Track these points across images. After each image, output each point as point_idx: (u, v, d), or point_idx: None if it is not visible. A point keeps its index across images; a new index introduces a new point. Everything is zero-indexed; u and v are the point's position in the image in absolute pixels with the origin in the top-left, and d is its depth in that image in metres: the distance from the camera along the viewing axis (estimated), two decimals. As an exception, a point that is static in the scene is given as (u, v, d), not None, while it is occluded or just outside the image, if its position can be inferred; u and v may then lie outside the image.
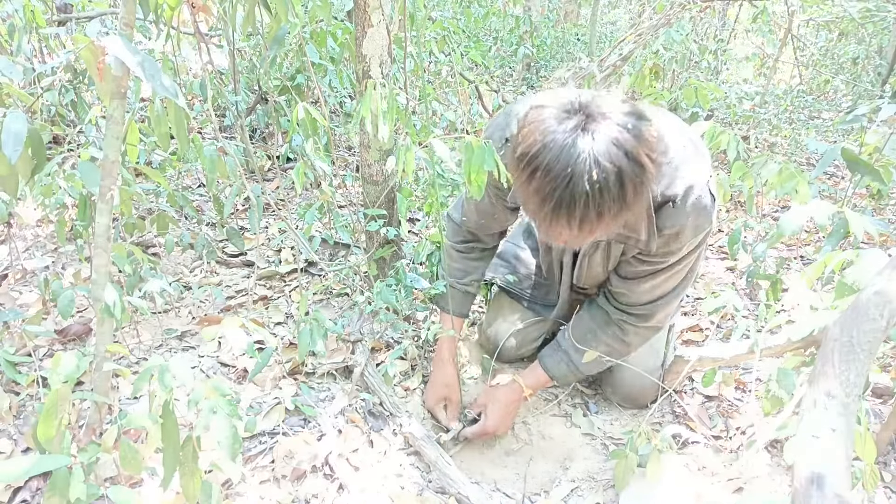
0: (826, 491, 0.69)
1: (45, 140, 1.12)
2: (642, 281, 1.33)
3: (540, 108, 0.99)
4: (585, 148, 0.92)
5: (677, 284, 1.36)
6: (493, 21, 4.82)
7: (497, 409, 1.52)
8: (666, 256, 1.26)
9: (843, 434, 0.74)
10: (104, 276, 1.11)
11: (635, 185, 0.95)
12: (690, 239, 1.22)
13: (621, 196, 0.95)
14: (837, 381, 0.79)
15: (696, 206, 1.18)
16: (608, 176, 0.92)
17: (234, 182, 1.80)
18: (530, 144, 0.97)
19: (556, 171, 0.93)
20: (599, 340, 1.44)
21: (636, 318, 1.40)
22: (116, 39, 0.94)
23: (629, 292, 1.37)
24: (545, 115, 0.97)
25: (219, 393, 0.95)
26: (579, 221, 0.96)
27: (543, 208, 0.98)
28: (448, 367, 1.60)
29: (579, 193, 0.93)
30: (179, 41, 2.86)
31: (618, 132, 0.93)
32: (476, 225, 1.52)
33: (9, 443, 1.34)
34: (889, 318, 0.85)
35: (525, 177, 0.98)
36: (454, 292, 1.60)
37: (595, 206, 0.94)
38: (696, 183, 1.17)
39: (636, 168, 0.94)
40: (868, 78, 4.99)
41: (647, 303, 1.37)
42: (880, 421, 1.51)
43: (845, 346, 0.83)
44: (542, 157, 0.95)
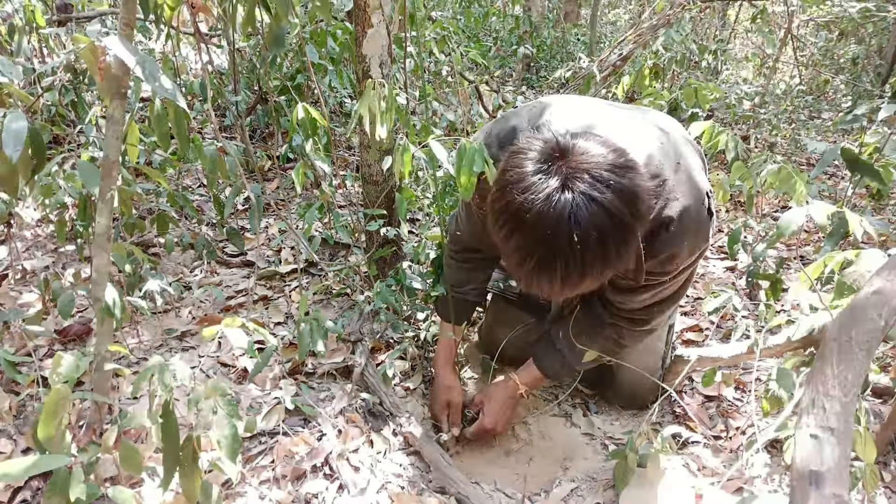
0: (824, 490, 0.69)
1: (45, 140, 1.12)
2: (637, 294, 1.30)
3: (519, 157, 0.95)
4: (565, 210, 0.88)
5: (674, 293, 1.34)
6: (493, 21, 4.82)
7: (493, 406, 1.52)
8: (660, 276, 1.23)
9: (841, 434, 0.74)
10: (104, 276, 1.11)
11: (618, 245, 0.92)
12: (687, 259, 1.20)
13: (604, 257, 0.92)
14: (836, 381, 0.79)
15: (691, 228, 1.15)
16: (589, 238, 0.89)
17: (234, 182, 1.80)
18: (509, 202, 0.93)
19: (537, 233, 0.90)
20: (594, 341, 1.43)
21: (632, 323, 1.39)
22: (117, 39, 0.94)
23: (625, 301, 1.35)
24: (525, 168, 0.93)
25: (219, 393, 0.95)
26: (561, 282, 0.94)
27: (524, 267, 0.95)
28: (447, 371, 1.60)
29: (560, 255, 0.90)
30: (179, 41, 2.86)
31: (599, 191, 0.89)
32: (470, 237, 1.50)
33: (9, 443, 1.34)
34: (888, 318, 0.86)
35: (504, 234, 0.95)
36: (451, 300, 1.60)
37: (577, 267, 0.91)
38: (691, 203, 1.14)
39: (618, 229, 0.91)
40: (868, 78, 5.00)
41: (643, 309, 1.35)
42: (880, 421, 1.51)
43: (844, 345, 0.84)
44: (520, 217, 0.91)
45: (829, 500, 0.68)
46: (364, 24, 1.52)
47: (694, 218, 1.15)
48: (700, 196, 1.16)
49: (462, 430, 1.55)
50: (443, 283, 1.61)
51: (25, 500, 1.22)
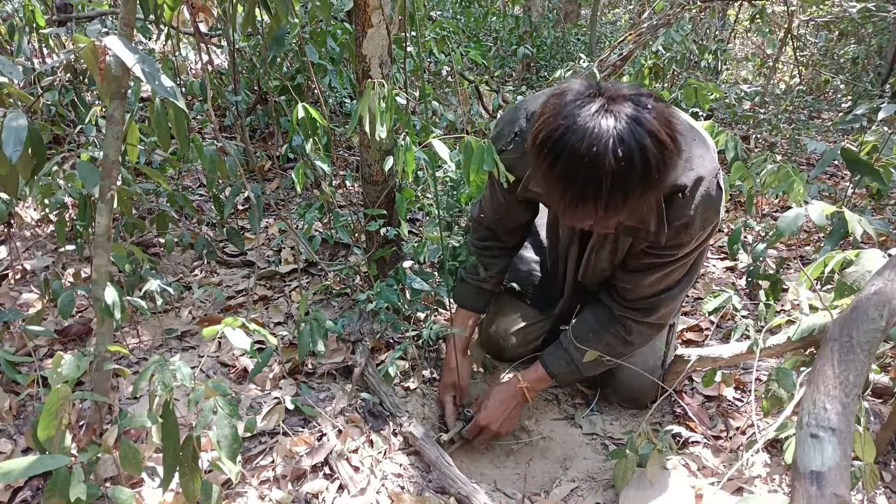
0: (825, 490, 0.69)
1: (45, 140, 1.12)
2: (648, 274, 1.32)
3: (559, 95, 0.99)
4: (608, 129, 0.92)
5: (681, 278, 1.36)
6: (493, 21, 4.82)
7: (491, 403, 1.51)
8: (674, 249, 1.25)
9: (842, 434, 0.74)
10: (104, 276, 1.11)
11: (658, 163, 0.95)
12: (699, 231, 1.22)
13: (646, 175, 0.95)
14: (837, 381, 0.79)
15: (704, 198, 1.18)
16: (633, 155, 0.92)
17: (234, 182, 1.80)
18: (552, 129, 0.96)
19: (581, 153, 0.93)
20: (601, 339, 1.44)
21: (640, 314, 1.39)
22: (117, 39, 0.94)
23: (634, 286, 1.36)
24: (565, 100, 0.97)
25: (219, 393, 0.95)
26: (605, 203, 0.96)
27: (569, 192, 0.97)
28: (460, 356, 1.61)
29: (605, 174, 0.92)
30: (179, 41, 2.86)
31: (639, 112, 0.93)
32: (492, 221, 1.53)
33: (9, 443, 1.34)
34: (888, 318, 0.86)
35: (548, 163, 0.98)
36: (468, 286, 1.61)
37: (621, 186, 0.94)
38: (706, 174, 1.18)
39: (659, 147, 0.94)
40: (868, 78, 5.00)
41: (652, 296, 1.36)
42: (880, 421, 1.51)
43: (845, 345, 0.84)
44: (566, 140, 0.94)
45: (830, 500, 0.68)
46: (364, 24, 1.51)
47: (707, 188, 1.18)
48: (713, 169, 1.19)
49: (460, 429, 1.55)
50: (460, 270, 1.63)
51: (25, 500, 1.22)
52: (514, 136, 1.30)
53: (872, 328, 0.85)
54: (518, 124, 1.29)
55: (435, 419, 1.62)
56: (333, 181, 2.17)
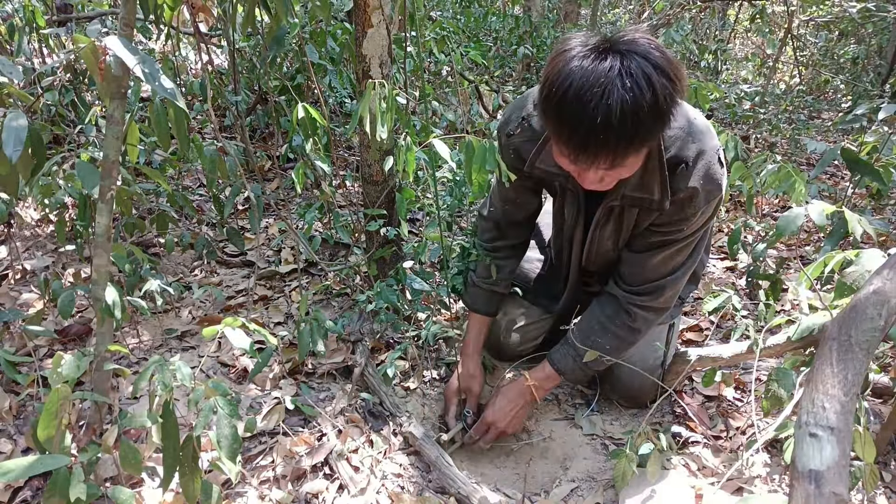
0: (824, 490, 0.69)
1: (45, 140, 1.12)
2: (654, 253, 1.34)
3: (564, 51, 1.00)
4: (615, 66, 0.93)
5: (686, 259, 1.37)
6: (493, 21, 4.81)
7: (499, 402, 1.51)
8: (680, 224, 1.27)
9: (841, 433, 0.74)
10: (104, 276, 1.11)
11: (666, 96, 0.95)
12: (703, 206, 1.24)
13: (655, 107, 0.95)
14: (836, 381, 0.79)
15: (707, 171, 1.20)
16: (639, 82, 0.93)
17: (234, 182, 1.80)
18: (557, 74, 0.97)
19: (588, 88, 0.93)
20: (607, 331, 1.44)
21: (646, 297, 1.40)
22: (117, 39, 0.94)
23: (641, 268, 1.37)
24: (570, 48, 0.99)
25: (219, 393, 0.95)
26: (616, 134, 0.95)
27: (579, 130, 0.97)
28: (474, 360, 1.62)
29: (614, 104, 0.92)
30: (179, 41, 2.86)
31: (645, 50, 0.95)
32: (501, 213, 1.54)
33: (9, 443, 1.34)
34: (887, 318, 0.86)
35: (556, 109, 0.98)
36: (480, 290, 1.61)
37: (630, 113, 0.93)
38: (707, 149, 1.20)
39: (666, 79, 0.95)
40: (868, 78, 4.99)
41: (658, 279, 1.37)
42: (880, 421, 1.51)
43: (843, 345, 0.84)
44: (572, 80, 0.95)
45: (829, 499, 0.68)
46: (364, 24, 1.52)
47: (709, 161, 1.20)
48: (714, 145, 1.22)
49: (460, 431, 1.55)
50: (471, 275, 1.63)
51: (25, 500, 1.22)
52: (521, 120, 1.33)
53: (871, 327, 0.85)
54: (525, 109, 1.32)
55: (435, 419, 1.62)
56: (333, 181, 2.17)
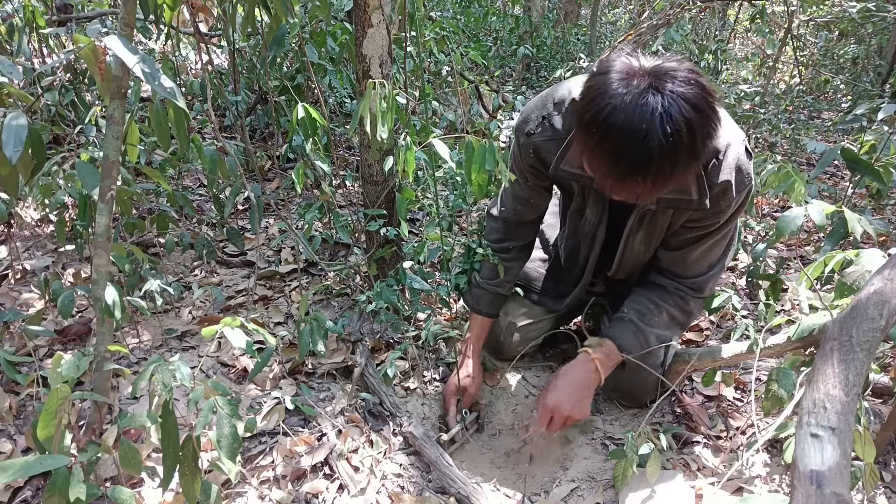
0: (825, 490, 0.69)
1: (45, 140, 1.12)
2: (692, 250, 1.36)
3: (604, 74, 1.03)
4: (656, 105, 0.97)
5: (723, 251, 1.40)
6: (493, 21, 4.81)
7: (560, 384, 1.41)
8: (716, 216, 1.29)
9: (842, 433, 0.74)
10: (104, 276, 1.11)
11: (703, 136, 1.00)
12: (736, 196, 1.26)
13: (693, 147, 0.99)
14: (837, 381, 0.79)
15: (737, 162, 1.23)
16: (680, 129, 0.97)
17: (235, 182, 1.80)
18: (601, 108, 1.00)
19: (631, 130, 0.97)
20: (662, 309, 1.44)
21: (691, 291, 1.43)
22: (117, 39, 0.94)
23: (681, 264, 1.41)
24: (611, 79, 1.01)
25: (219, 393, 0.95)
26: (654, 175, 1.01)
27: (619, 166, 1.01)
28: (473, 360, 1.62)
29: (654, 148, 0.97)
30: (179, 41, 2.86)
31: (684, 88, 0.98)
32: (513, 212, 1.54)
33: (9, 443, 1.34)
34: (888, 318, 0.86)
35: (597, 139, 1.02)
36: (484, 292, 1.61)
37: (669, 159, 0.99)
38: (734, 140, 1.23)
39: (704, 120, 0.99)
40: (868, 78, 4.99)
41: (699, 275, 1.41)
42: (880, 421, 1.51)
43: (844, 345, 0.84)
44: (615, 117, 0.98)
45: (830, 499, 0.68)
46: (364, 24, 1.51)
47: (738, 151, 1.23)
48: (741, 136, 1.25)
49: (463, 434, 1.55)
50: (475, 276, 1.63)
51: (25, 500, 1.22)
52: (542, 119, 1.35)
53: (872, 327, 0.85)
54: (546, 108, 1.34)
55: (435, 419, 1.62)
56: (333, 181, 2.17)
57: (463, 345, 1.65)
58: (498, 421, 1.66)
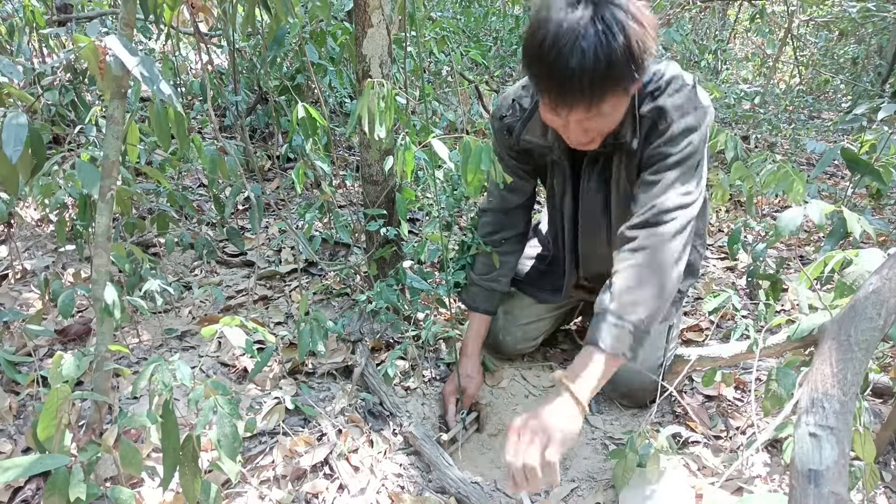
0: (823, 489, 0.69)
1: (45, 140, 1.12)
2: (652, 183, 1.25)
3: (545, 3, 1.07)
4: (587, 13, 1.01)
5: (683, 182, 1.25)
6: (493, 21, 4.81)
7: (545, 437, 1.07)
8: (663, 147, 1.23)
9: (840, 433, 0.74)
10: (104, 276, 1.11)
11: (637, 39, 1.03)
12: (678, 120, 1.21)
13: (627, 47, 1.02)
14: (835, 380, 0.79)
15: (674, 91, 1.23)
16: (612, 27, 1.00)
17: (235, 182, 1.80)
18: (536, 25, 1.05)
19: (563, 35, 1.01)
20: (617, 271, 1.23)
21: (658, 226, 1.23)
22: (117, 39, 0.94)
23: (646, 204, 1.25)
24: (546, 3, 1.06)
25: (219, 392, 0.95)
26: (590, 79, 1.02)
27: (556, 76, 1.04)
28: (472, 360, 1.62)
29: (587, 47, 1.00)
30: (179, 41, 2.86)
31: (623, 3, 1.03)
32: (499, 199, 1.57)
33: (9, 443, 1.34)
34: (886, 317, 0.86)
35: (535, 58, 1.06)
36: (479, 289, 1.62)
37: (604, 56, 1.01)
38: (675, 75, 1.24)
39: (637, 24, 1.02)
40: (868, 78, 4.99)
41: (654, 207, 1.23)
42: (880, 420, 1.51)
43: (843, 345, 0.84)
44: (548, 29, 1.03)
45: (829, 498, 0.68)
46: (364, 23, 1.52)
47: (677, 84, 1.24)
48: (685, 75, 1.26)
49: (464, 434, 1.55)
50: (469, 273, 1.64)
51: (25, 500, 1.22)
52: (512, 102, 1.42)
53: (870, 327, 0.85)
54: (517, 93, 1.42)
55: (435, 419, 1.62)
56: (333, 181, 2.17)
57: (462, 344, 1.66)
58: (498, 421, 1.66)
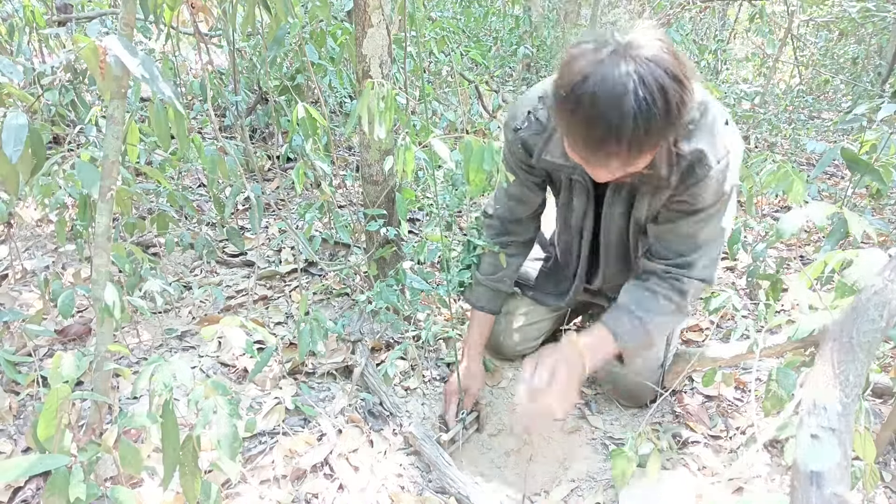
0: (824, 490, 0.69)
1: (45, 140, 1.12)
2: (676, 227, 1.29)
3: (577, 46, 1.03)
4: (629, 70, 0.97)
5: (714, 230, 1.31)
6: (493, 21, 4.81)
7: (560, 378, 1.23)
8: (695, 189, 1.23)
9: (842, 434, 0.74)
10: (104, 276, 1.11)
11: (678, 102, 0.99)
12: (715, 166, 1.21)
13: (667, 113, 0.99)
14: (836, 381, 0.79)
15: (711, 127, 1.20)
16: (653, 93, 0.96)
17: (235, 182, 1.80)
18: (574, 74, 1.00)
19: (604, 95, 0.97)
20: (658, 295, 1.35)
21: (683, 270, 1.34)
22: (117, 39, 0.94)
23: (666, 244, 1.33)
24: (583, 49, 1.02)
25: (219, 392, 0.95)
26: (628, 143, 1.00)
27: (593, 134, 1.01)
28: (475, 360, 1.62)
29: (627, 112, 0.96)
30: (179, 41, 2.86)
31: (656, 53, 0.98)
32: (507, 209, 1.54)
33: (9, 443, 1.34)
34: (888, 318, 0.85)
35: (571, 110, 1.02)
36: (484, 288, 1.61)
37: (643, 124, 0.98)
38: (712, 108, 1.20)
39: (678, 85, 0.98)
40: (868, 78, 4.99)
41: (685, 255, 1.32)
42: (880, 421, 1.51)
43: (844, 346, 0.84)
44: (587, 84, 0.99)
45: (830, 499, 0.68)
46: (364, 23, 1.51)
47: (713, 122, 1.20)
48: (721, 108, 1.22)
49: (464, 434, 1.55)
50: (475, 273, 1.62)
51: (25, 500, 1.22)
52: (527, 114, 1.35)
53: (872, 328, 0.85)
54: (532, 103, 1.34)
55: (435, 419, 1.62)
56: (333, 181, 2.17)
57: (464, 344, 1.65)
58: (498, 421, 1.66)
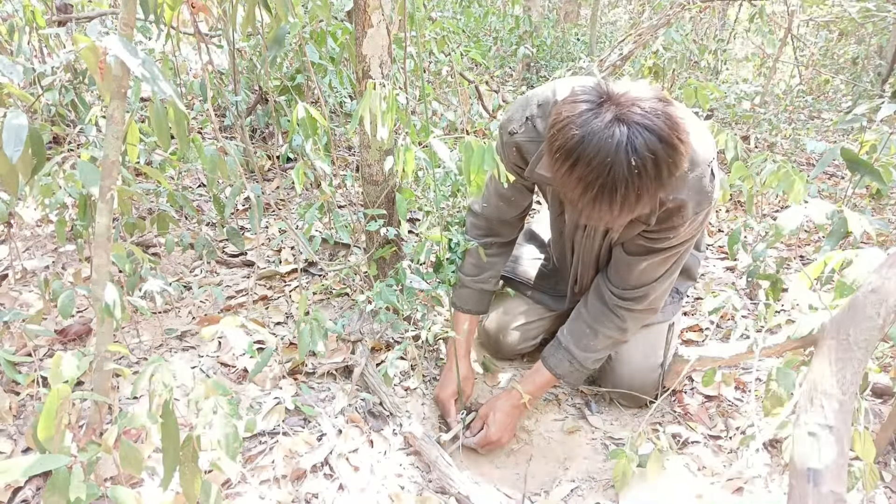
0: (822, 488, 0.69)
1: (45, 140, 1.12)
2: (641, 259, 1.36)
3: (572, 102, 1.05)
4: (622, 137, 0.99)
5: (670, 267, 1.39)
6: (493, 21, 4.81)
7: (498, 418, 1.52)
8: (668, 233, 1.29)
9: (839, 432, 0.74)
10: (104, 276, 1.11)
11: (669, 166, 1.02)
12: (692, 216, 1.25)
13: (658, 178, 1.02)
14: (834, 380, 0.79)
15: (698, 183, 1.22)
16: (645, 162, 0.99)
17: (235, 182, 1.80)
18: (568, 138, 1.03)
19: (597, 162, 1.00)
20: (598, 333, 1.46)
21: (631, 302, 1.43)
22: (117, 40, 0.94)
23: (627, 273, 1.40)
24: (579, 108, 1.03)
25: (219, 392, 0.95)
26: (620, 205, 1.04)
27: (586, 195, 1.04)
28: (466, 361, 1.63)
29: (620, 180, 1.00)
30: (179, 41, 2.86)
31: (650, 120, 1.00)
32: (495, 210, 1.54)
33: (9, 443, 1.34)
34: (886, 317, 0.86)
35: (566, 168, 1.05)
36: (468, 290, 1.61)
37: (635, 189, 1.01)
38: (700, 161, 1.22)
39: (669, 151, 1.01)
40: (868, 78, 4.99)
41: (642, 286, 1.41)
42: (880, 420, 1.51)
43: (842, 344, 0.84)
44: (582, 149, 1.01)
45: (827, 497, 0.68)
46: (364, 23, 1.52)
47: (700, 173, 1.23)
48: (707, 157, 1.24)
49: (463, 439, 1.55)
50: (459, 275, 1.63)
51: (25, 500, 1.22)
52: (525, 119, 1.36)
53: (870, 326, 0.85)
54: (530, 109, 1.36)
55: (435, 419, 1.62)
56: (333, 181, 2.17)
57: (450, 347, 1.65)
58: (498, 421, 1.66)
